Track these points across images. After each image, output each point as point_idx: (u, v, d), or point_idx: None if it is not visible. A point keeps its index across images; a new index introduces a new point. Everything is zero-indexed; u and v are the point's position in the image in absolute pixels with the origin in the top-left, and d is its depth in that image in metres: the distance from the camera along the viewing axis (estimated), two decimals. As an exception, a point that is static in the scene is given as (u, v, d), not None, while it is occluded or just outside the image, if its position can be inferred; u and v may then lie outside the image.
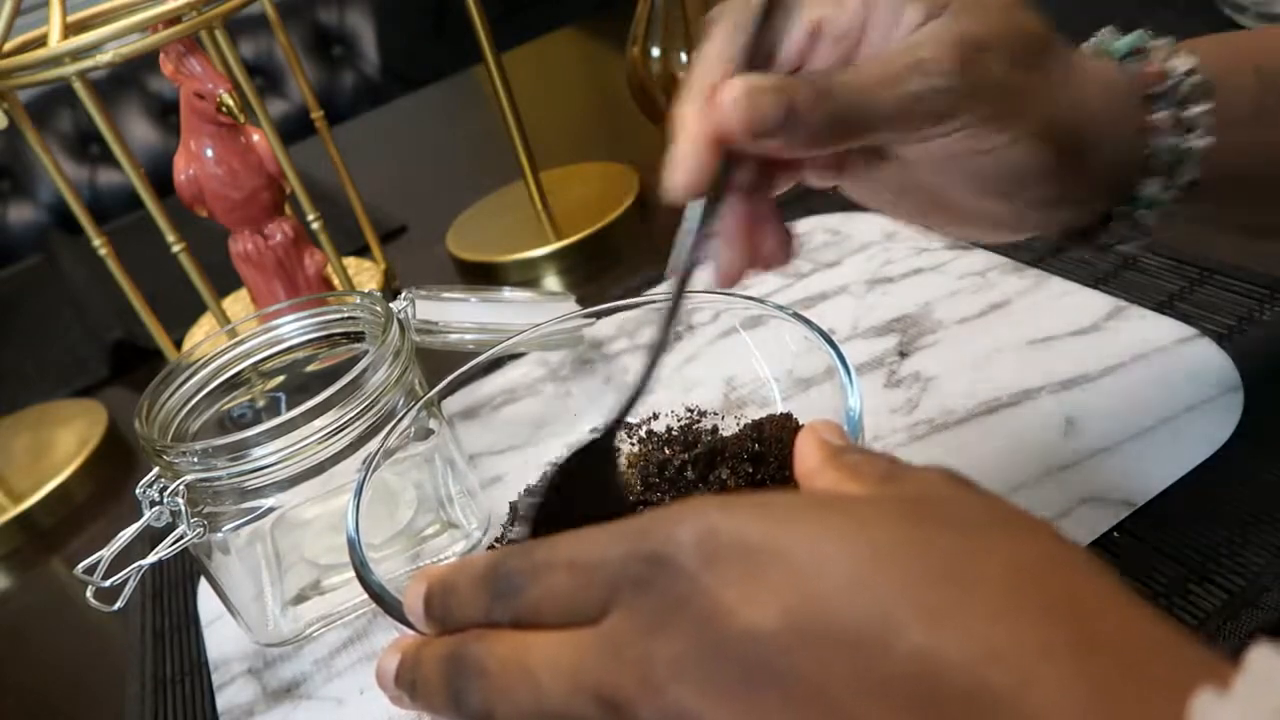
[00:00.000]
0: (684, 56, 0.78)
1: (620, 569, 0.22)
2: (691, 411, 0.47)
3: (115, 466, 0.70)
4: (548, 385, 0.50)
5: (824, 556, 0.20)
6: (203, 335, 0.78)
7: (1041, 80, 0.31)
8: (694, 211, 0.30)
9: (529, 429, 0.48)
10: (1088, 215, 0.35)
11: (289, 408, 0.43)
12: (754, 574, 0.20)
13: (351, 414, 0.43)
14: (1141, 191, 0.34)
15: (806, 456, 0.27)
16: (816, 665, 0.19)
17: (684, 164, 0.29)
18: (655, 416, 0.47)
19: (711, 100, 0.28)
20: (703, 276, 0.31)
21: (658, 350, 0.31)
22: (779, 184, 0.33)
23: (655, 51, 0.79)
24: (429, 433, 0.45)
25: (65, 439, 0.72)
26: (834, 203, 0.69)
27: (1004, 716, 0.18)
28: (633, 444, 0.46)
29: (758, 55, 0.30)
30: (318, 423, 0.42)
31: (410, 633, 0.28)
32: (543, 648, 0.23)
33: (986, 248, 0.58)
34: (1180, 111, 0.33)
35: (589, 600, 0.23)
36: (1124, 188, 0.34)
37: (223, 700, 0.47)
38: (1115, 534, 0.39)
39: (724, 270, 0.31)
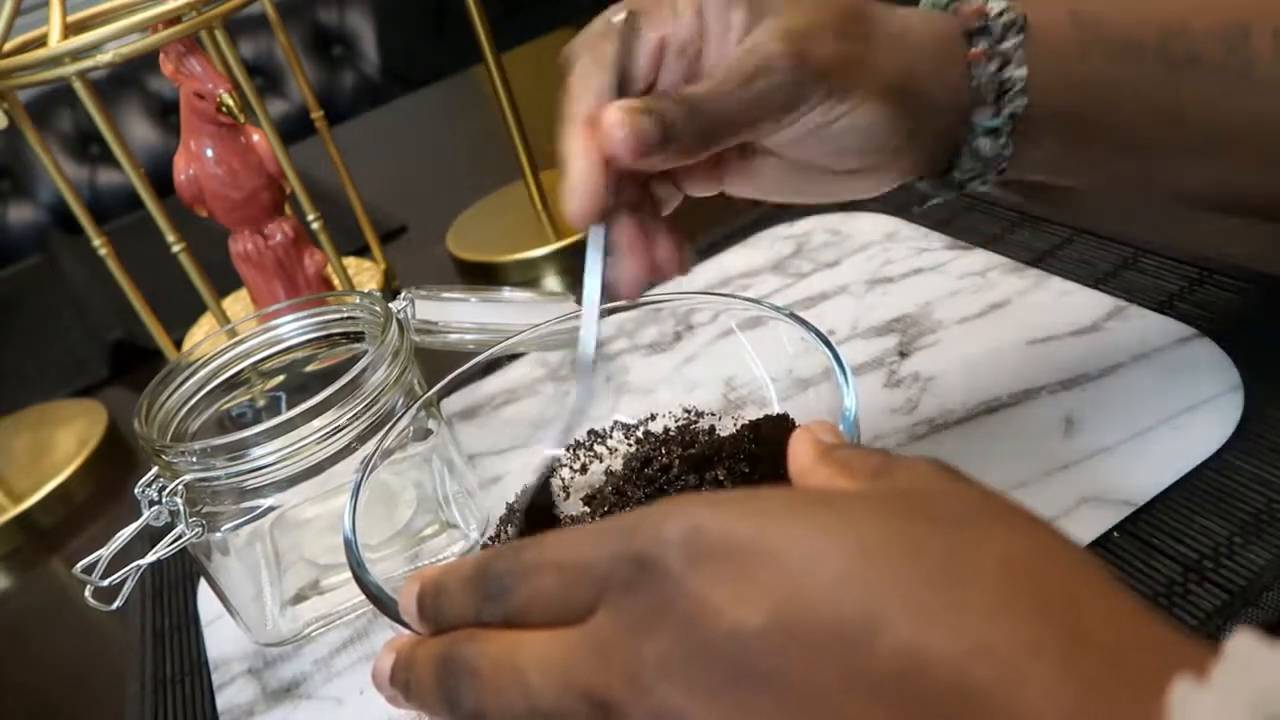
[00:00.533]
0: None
1: (607, 569, 0.22)
2: (689, 412, 0.47)
3: (115, 466, 0.70)
4: (548, 385, 0.50)
5: (812, 554, 0.20)
6: (203, 335, 0.78)
7: (868, 47, 0.34)
8: (596, 234, 0.34)
9: (529, 429, 0.48)
10: (941, 156, 0.38)
11: (289, 407, 0.43)
12: (741, 572, 0.20)
13: (350, 414, 0.43)
14: (973, 120, 0.36)
15: (799, 455, 0.27)
16: (804, 663, 0.19)
17: (580, 191, 0.32)
18: (653, 417, 0.47)
19: (593, 128, 0.31)
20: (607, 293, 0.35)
21: (584, 373, 0.34)
22: (666, 202, 0.37)
23: (655, 51, 0.79)
24: (428, 433, 0.45)
25: (65, 439, 0.72)
26: (834, 203, 0.68)
27: (992, 714, 0.18)
28: (629, 444, 0.46)
29: (621, 82, 0.33)
30: (316, 423, 0.42)
31: (406, 632, 0.28)
32: (532, 647, 0.23)
33: (983, 246, 0.58)
34: (997, 44, 0.36)
35: (577, 600, 0.23)
36: (964, 124, 0.37)
37: (223, 700, 0.47)
38: (1115, 534, 0.39)
39: (626, 281, 0.35)
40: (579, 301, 0.35)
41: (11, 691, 0.55)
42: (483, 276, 0.78)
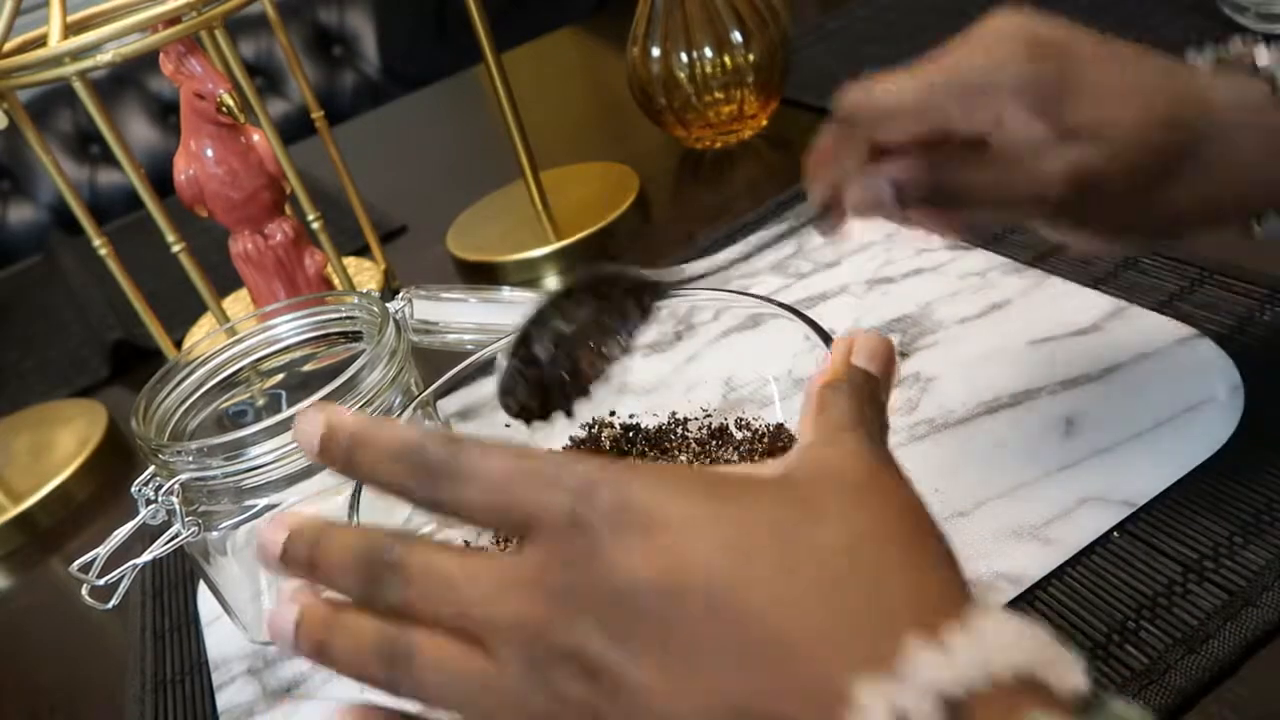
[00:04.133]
0: (684, 56, 0.78)
1: (542, 512, 0.25)
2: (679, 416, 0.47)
3: (115, 466, 0.70)
4: (547, 385, 0.50)
5: (700, 533, 0.24)
6: (203, 335, 0.78)
7: (1159, 193, 0.35)
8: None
9: (529, 429, 0.48)
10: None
11: (289, 406, 0.43)
12: (649, 542, 0.24)
13: (347, 413, 0.43)
14: (1265, 222, 0.38)
15: (819, 375, 0.30)
16: (676, 611, 0.24)
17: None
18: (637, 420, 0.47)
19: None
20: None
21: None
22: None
23: (655, 51, 0.79)
24: (426, 432, 0.45)
25: (65, 439, 0.72)
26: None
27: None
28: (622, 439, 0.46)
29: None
30: (314, 422, 0.42)
31: None
32: (462, 564, 0.26)
33: (989, 248, 0.58)
34: None
35: (507, 523, 0.26)
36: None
37: (223, 700, 0.47)
38: (1115, 534, 0.39)
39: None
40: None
41: (11, 691, 0.55)
42: (483, 276, 0.78)
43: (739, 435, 0.44)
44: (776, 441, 0.42)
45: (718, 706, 0.23)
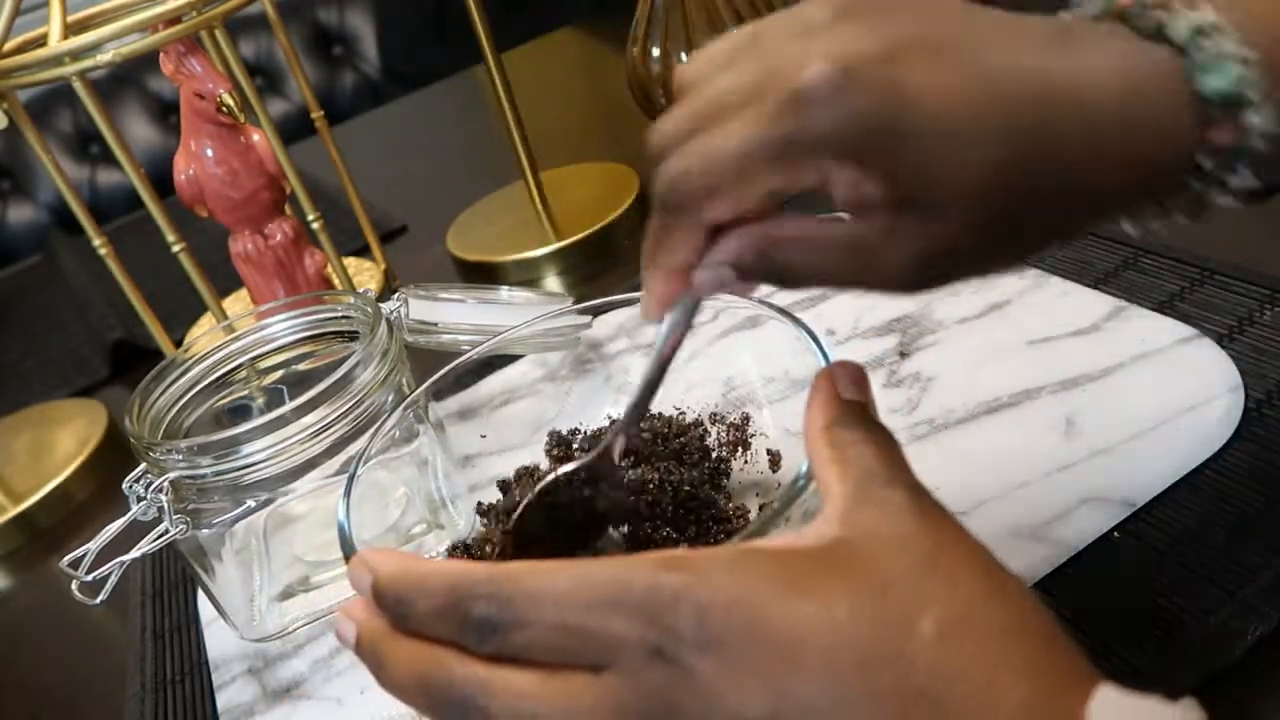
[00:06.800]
0: (684, 56, 0.78)
1: (616, 643, 0.24)
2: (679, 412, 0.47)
3: (115, 467, 0.70)
4: (547, 385, 0.50)
5: (798, 649, 0.23)
6: (201, 334, 0.78)
7: (1031, 219, 0.28)
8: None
9: (528, 429, 0.48)
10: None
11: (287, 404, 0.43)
12: (743, 661, 0.23)
13: (337, 413, 0.43)
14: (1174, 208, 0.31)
15: (814, 416, 0.29)
16: None
17: (655, 310, 0.34)
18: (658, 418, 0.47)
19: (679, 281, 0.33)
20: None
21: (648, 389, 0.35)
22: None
23: (655, 51, 0.79)
24: (416, 433, 0.45)
25: (65, 439, 0.72)
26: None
27: None
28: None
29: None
30: (303, 421, 0.42)
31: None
32: (547, 703, 0.24)
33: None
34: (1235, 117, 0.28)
35: (583, 658, 0.24)
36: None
37: (223, 700, 0.47)
38: (1115, 534, 0.39)
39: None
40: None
41: (11, 691, 0.55)
42: (483, 276, 0.78)
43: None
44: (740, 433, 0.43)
45: None
